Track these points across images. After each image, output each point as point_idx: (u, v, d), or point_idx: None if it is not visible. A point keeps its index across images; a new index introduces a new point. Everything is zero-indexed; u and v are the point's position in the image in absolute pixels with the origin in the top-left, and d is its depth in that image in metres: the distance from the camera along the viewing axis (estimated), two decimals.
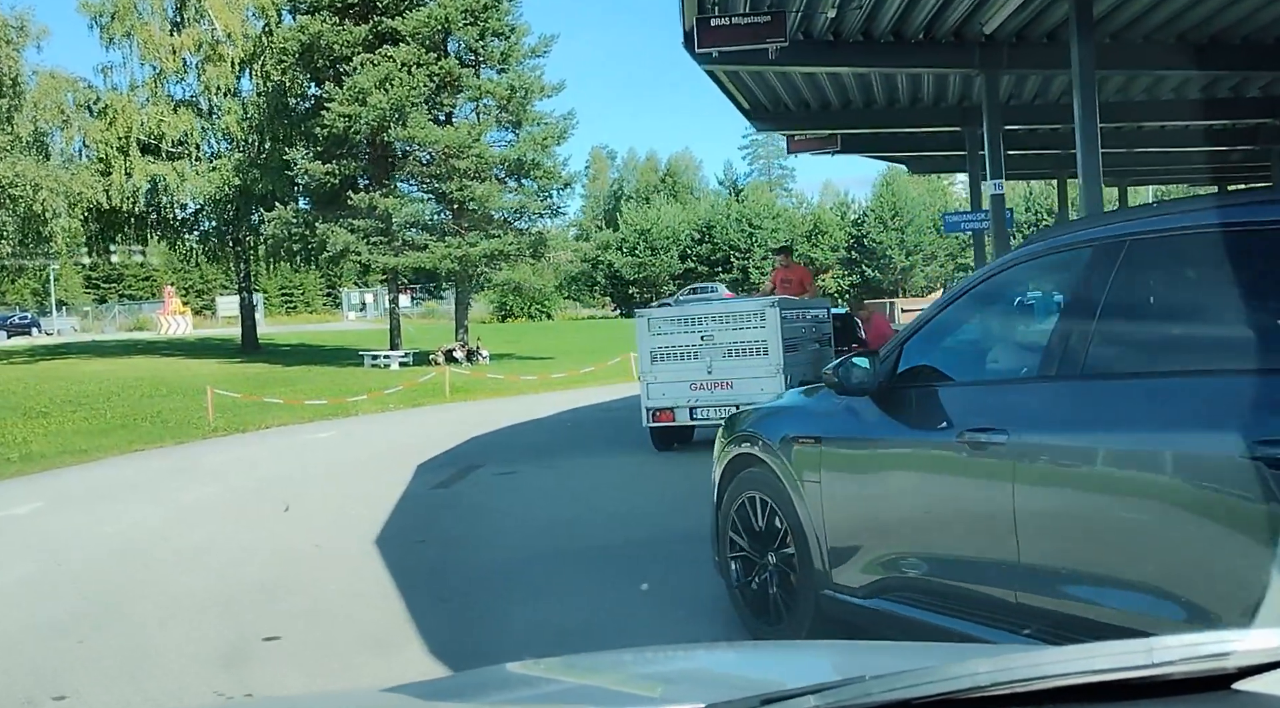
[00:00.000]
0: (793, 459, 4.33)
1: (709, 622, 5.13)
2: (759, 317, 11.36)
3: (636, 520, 8.50)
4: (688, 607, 5.57)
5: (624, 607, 5.75)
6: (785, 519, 4.43)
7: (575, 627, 5.40)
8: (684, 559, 6.56)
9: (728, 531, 4.88)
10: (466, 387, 24.43)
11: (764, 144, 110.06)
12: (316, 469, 12.91)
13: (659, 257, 63.45)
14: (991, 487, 3.31)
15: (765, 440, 4.58)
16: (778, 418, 4.70)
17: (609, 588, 6.23)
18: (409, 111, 29.77)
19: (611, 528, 8.24)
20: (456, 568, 7.11)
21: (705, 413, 11.62)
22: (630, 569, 6.64)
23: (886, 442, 3.92)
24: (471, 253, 29.30)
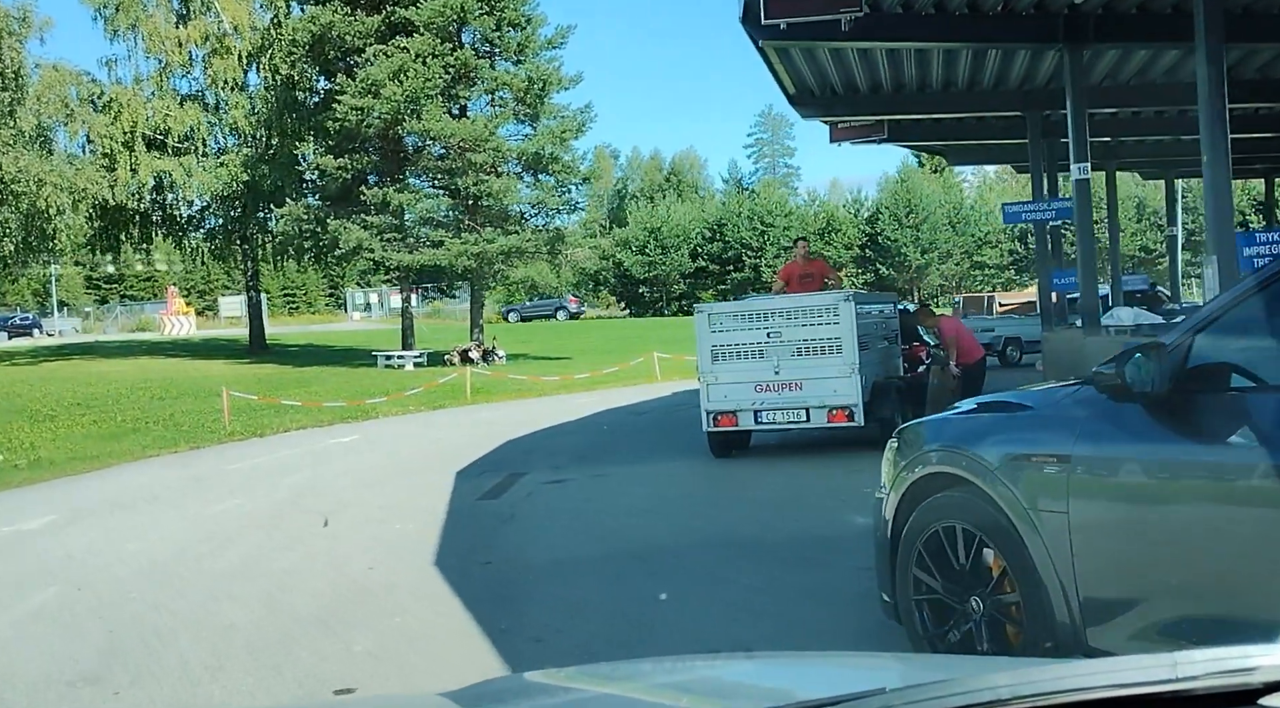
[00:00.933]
0: (1022, 483, 3.46)
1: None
2: (832, 311, 10.49)
3: (728, 539, 7.62)
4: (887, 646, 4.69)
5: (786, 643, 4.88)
6: (1005, 557, 3.55)
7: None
8: (833, 593, 5.71)
9: (909, 567, 4.00)
10: (487, 388, 23.56)
11: (769, 143, 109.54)
12: (346, 477, 12.04)
13: (669, 255, 62.50)
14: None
15: (974, 458, 3.70)
16: (990, 430, 3.81)
17: (739, 625, 5.37)
18: (424, 104, 28.86)
19: (705, 547, 7.36)
20: (538, 598, 6.24)
21: (771, 417, 10.76)
22: (756, 602, 5.78)
23: (1186, 464, 3.04)
24: (489, 249, 28.41)
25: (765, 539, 7.51)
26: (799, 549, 7.10)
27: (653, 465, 11.80)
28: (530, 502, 9.84)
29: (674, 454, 12.68)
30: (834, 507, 8.46)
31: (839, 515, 8.03)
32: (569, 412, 18.92)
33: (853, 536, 7.33)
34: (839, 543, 7.12)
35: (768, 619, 5.52)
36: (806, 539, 7.39)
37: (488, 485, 10.96)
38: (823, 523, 7.85)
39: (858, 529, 7.45)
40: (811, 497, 9.02)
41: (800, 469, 10.60)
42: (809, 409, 10.55)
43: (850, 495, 8.87)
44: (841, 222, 62.36)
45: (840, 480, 9.73)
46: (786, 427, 10.82)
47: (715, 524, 8.22)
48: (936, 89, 15.61)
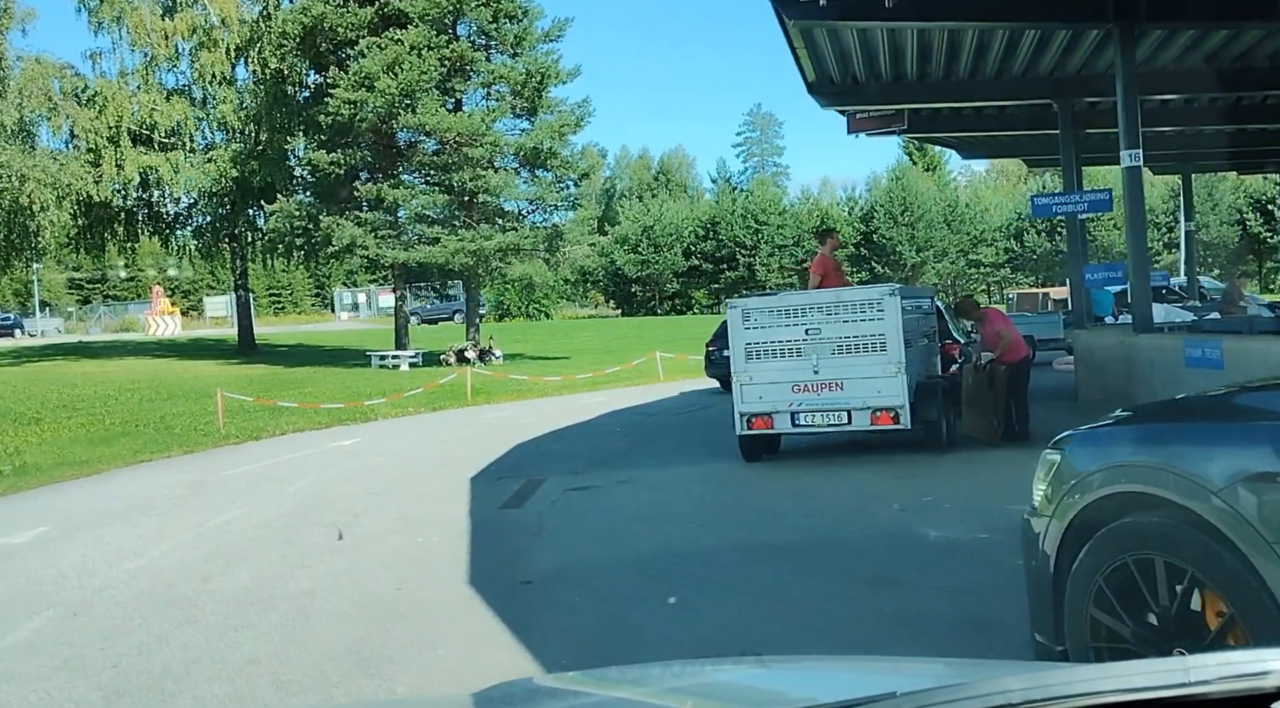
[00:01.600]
0: (1265, 509, 2.82)
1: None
2: (875, 307, 9.86)
3: (786, 553, 6.97)
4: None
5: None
6: (1231, 602, 2.91)
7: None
8: (924, 619, 5.05)
9: (1084, 607, 3.35)
10: (488, 389, 22.87)
11: (758, 142, 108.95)
12: (355, 483, 11.35)
13: (662, 254, 61.83)
14: None
15: (1186, 476, 3.05)
16: (1209, 441, 3.15)
17: (827, 640, 4.72)
18: (419, 97, 28.15)
19: (762, 562, 6.72)
20: (593, 624, 5.58)
21: (810, 419, 10.12)
22: (841, 629, 5.14)
23: None
24: (486, 246, 27.71)
25: (828, 553, 6.88)
26: (870, 565, 6.47)
27: (679, 469, 11.16)
28: (557, 511, 9.18)
29: (698, 457, 12.05)
30: (897, 517, 7.83)
31: (907, 528, 7.39)
32: (576, 413, 18.27)
33: (928, 551, 6.74)
34: (914, 559, 6.50)
35: (860, 651, 4.87)
36: (876, 554, 6.76)
37: (507, 492, 10.31)
38: (890, 536, 7.21)
39: (932, 545, 6.85)
40: (868, 505, 8.38)
41: (842, 474, 9.97)
42: (850, 411, 9.92)
43: (911, 503, 8.26)
44: (836, 220, 61.81)
45: (892, 486, 9.11)
46: (825, 430, 10.18)
47: (768, 536, 7.57)
48: (963, 77, 15.00)
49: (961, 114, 17.91)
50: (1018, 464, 9.85)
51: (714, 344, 21.54)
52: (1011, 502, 7.88)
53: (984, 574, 5.93)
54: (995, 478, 9.08)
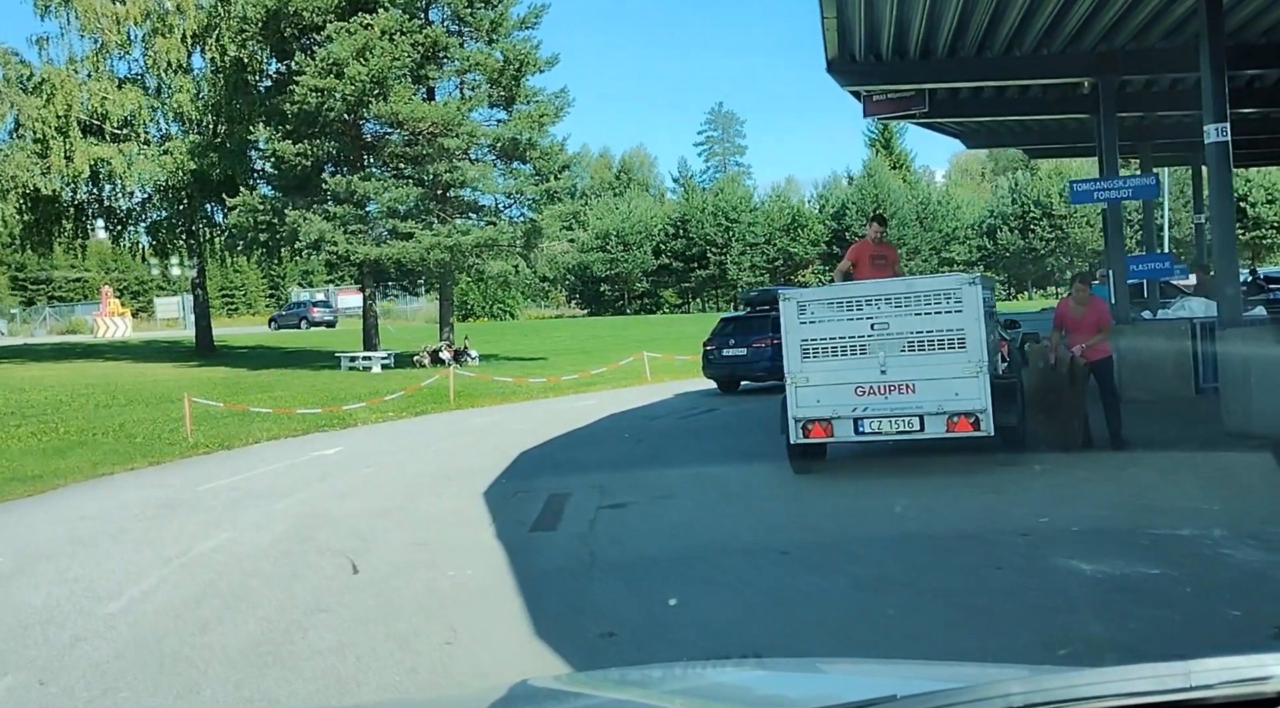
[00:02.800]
0: None
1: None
2: (953, 297, 8.74)
3: (916, 590, 5.80)
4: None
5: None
6: None
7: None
8: None
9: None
10: (471, 391, 21.53)
11: (720, 141, 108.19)
12: (352, 500, 10.04)
13: (632, 252, 60.63)
14: None
15: None
16: None
17: None
18: (391, 84, 26.73)
19: (896, 603, 5.55)
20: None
21: (876, 426, 8.97)
22: None
23: None
24: (463, 242, 26.34)
25: (965, 592, 5.71)
26: (1051, 619, 5.12)
27: (716, 480, 10.00)
28: (600, 535, 7.94)
29: (731, 465, 10.92)
30: (1026, 547, 6.64)
31: (1047, 560, 6.22)
32: (572, 417, 17.03)
33: (1100, 594, 5.51)
34: (1095, 608, 5.23)
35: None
36: (1041, 599, 5.49)
37: (532, 511, 9.07)
38: (1039, 573, 5.98)
39: (1098, 585, 5.65)
40: (980, 530, 7.21)
41: (913, 488, 8.83)
42: (923, 416, 8.79)
43: (1028, 526, 7.11)
44: (808, 218, 60.96)
45: (987, 505, 7.98)
46: (894, 437, 9.03)
47: (896, 573, 6.34)
48: (998, 52, 13.97)
49: (981, 96, 16.90)
50: (1129, 476, 8.90)
51: (712, 344, 20.45)
52: (1161, 525, 6.82)
53: (1198, 623, 4.79)
54: (1111, 493, 8.00)
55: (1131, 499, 7.49)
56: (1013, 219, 58.19)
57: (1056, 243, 56.86)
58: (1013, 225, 57.57)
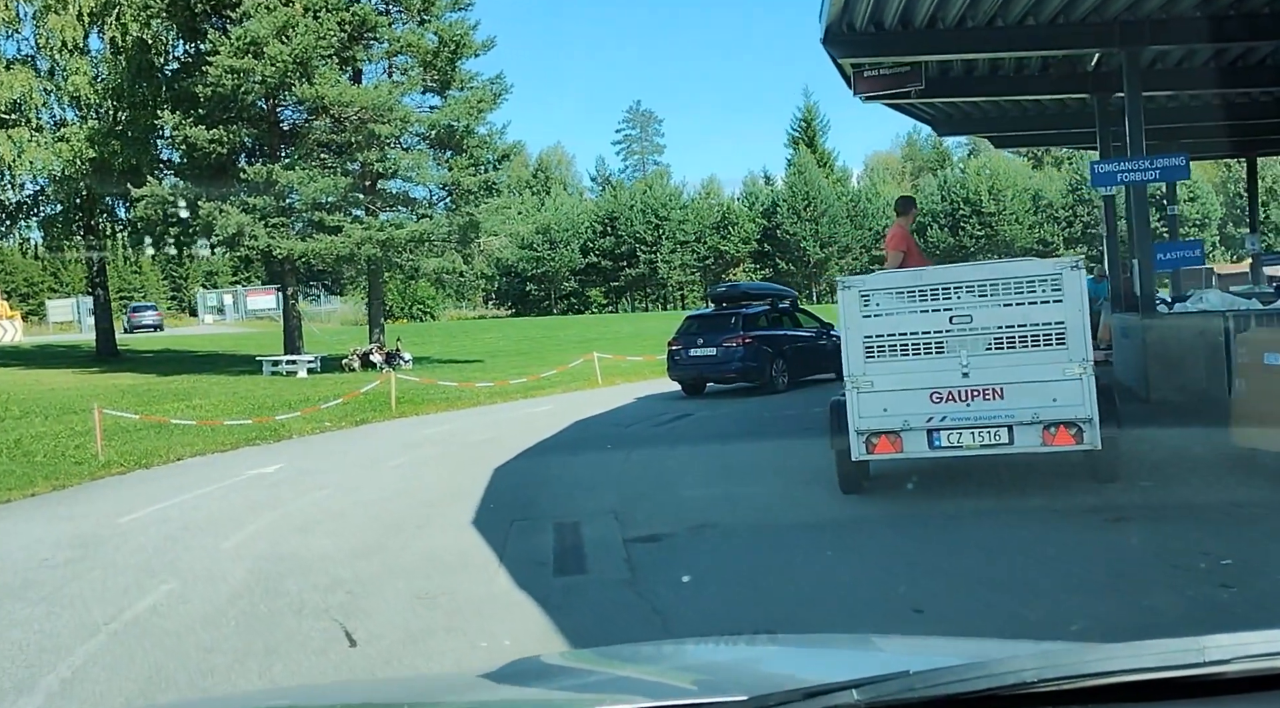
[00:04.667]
0: None
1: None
2: (1051, 284, 7.37)
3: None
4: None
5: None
6: None
7: None
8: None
9: None
10: (414, 397, 19.71)
11: (638, 139, 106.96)
12: (317, 536, 8.30)
13: (558, 251, 58.80)
14: None
15: None
16: None
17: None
18: (316, 66, 24.69)
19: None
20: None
21: (955, 438, 7.58)
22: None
23: None
24: (396, 236, 24.42)
25: None
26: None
27: (752, 505, 8.51)
28: (648, 583, 6.35)
29: (755, 483, 9.44)
30: (1232, 603, 5.27)
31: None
32: (533, 425, 15.42)
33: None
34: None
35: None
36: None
37: (543, 547, 7.50)
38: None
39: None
40: (1147, 573, 5.82)
41: (1002, 514, 7.45)
42: (1013, 427, 7.42)
43: (1218, 575, 5.73)
44: (738, 216, 59.90)
45: (1123, 539, 6.64)
46: (977, 452, 7.63)
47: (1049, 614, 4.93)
48: (1013, 21, 12.80)
49: (974, 73, 15.76)
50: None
51: (678, 343, 18.97)
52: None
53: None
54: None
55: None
56: (942, 217, 57.98)
57: (986, 240, 56.87)
58: (943, 223, 57.36)
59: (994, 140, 23.37)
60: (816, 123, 72.05)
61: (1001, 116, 19.61)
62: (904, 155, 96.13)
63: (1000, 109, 19.12)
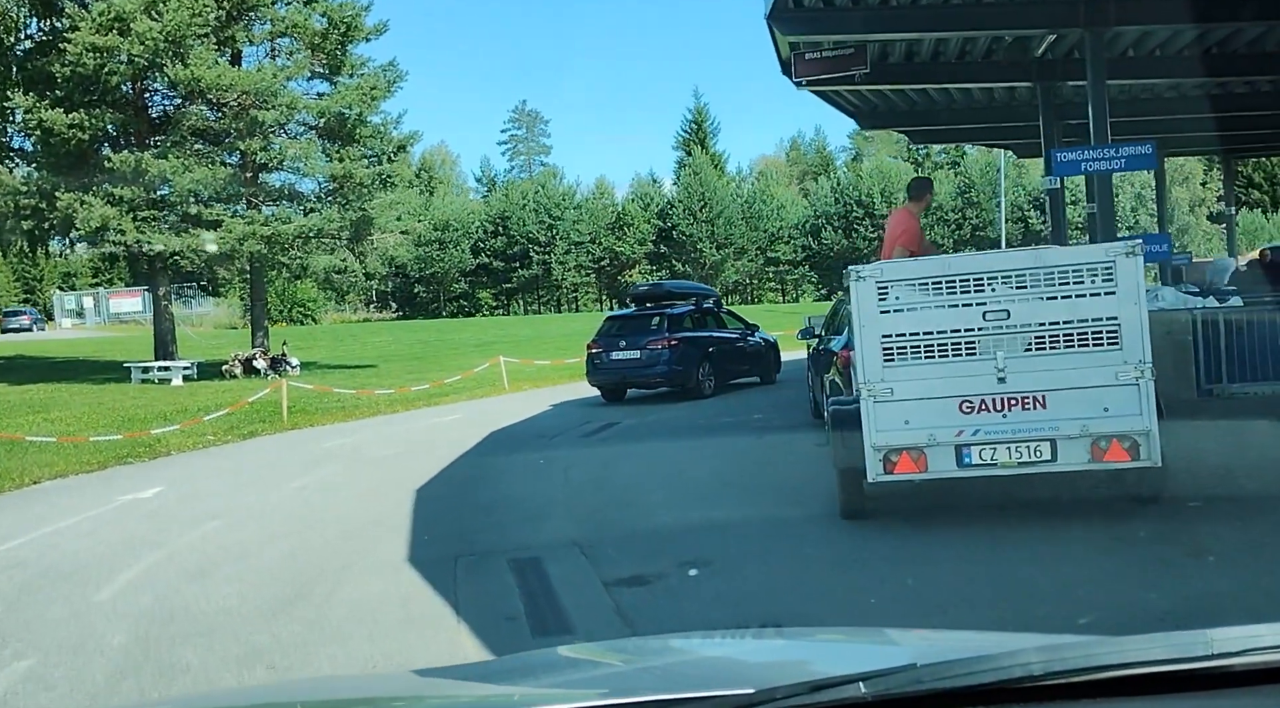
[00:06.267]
0: None
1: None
2: (1101, 273, 6.35)
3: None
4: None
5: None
6: None
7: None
8: None
9: None
10: (307, 407, 17.93)
11: (524, 140, 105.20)
12: (219, 583, 6.75)
13: (448, 251, 56.69)
14: None
15: None
16: None
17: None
18: (190, 45, 22.58)
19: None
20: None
21: (989, 454, 6.50)
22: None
23: None
24: (283, 231, 22.49)
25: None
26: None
27: (742, 533, 7.29)
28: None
29: (733, 505, 8.23)
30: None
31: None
32: (447, 437, 13.99)
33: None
34: None
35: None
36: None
37: (506, 593, 6.20)
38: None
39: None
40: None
41: (1052, 548, 6.39)
42: (1056, 441, 6.37)
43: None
44: (633, 216, 58.83)
45: (1223, 580, 5.63)
46: (1014, 471, 6.54)
47: None
48: (970, 0, 11.96)
49: (915, 60, 14.95)
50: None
51: (598, 346, 17.70)
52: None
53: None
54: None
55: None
56: (836, 219, 58.01)
57: (879, 242, 56.71)
58: (836, 225, 57.39)
59: (914, 135, 22.78)
60: (708, 125, 71.69)
61: (929, 109, 18.91)
62: (789, 159, 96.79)
63: (930, 101, 18.42)
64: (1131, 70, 14.32)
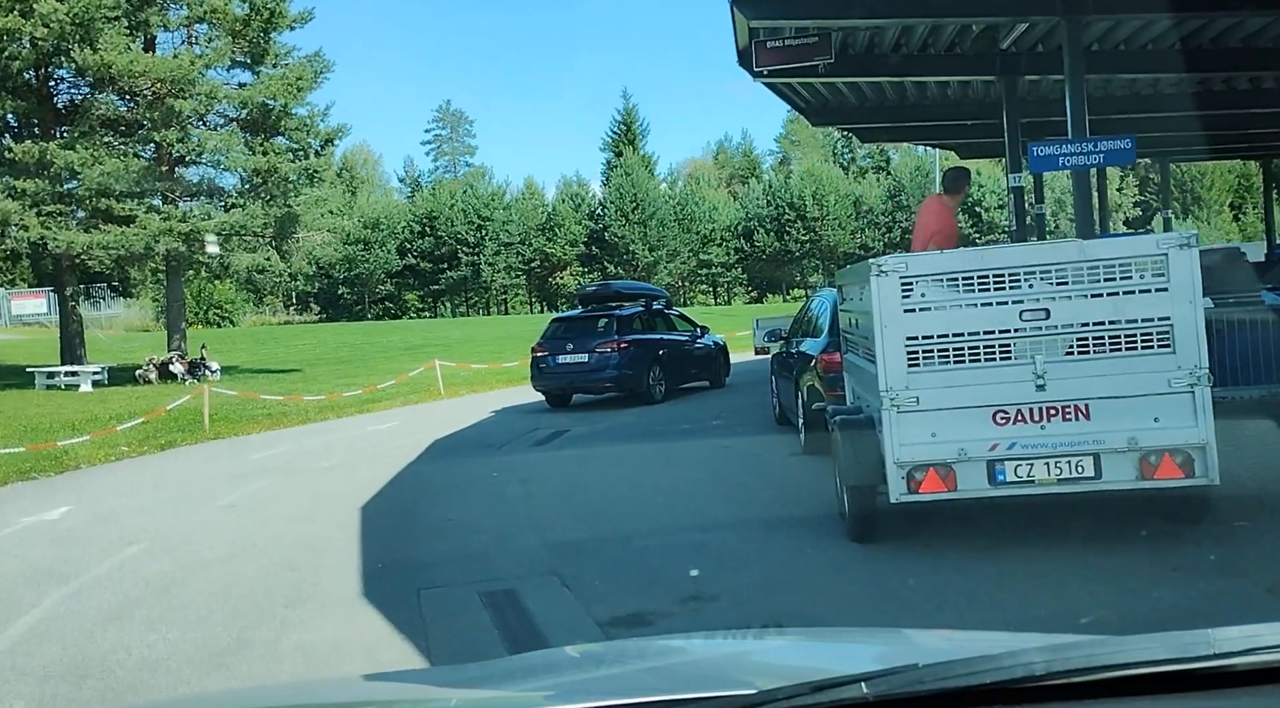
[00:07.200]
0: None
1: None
2: (1152, 268, 5.70)
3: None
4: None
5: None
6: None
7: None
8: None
9: None
10: (231, 415, 16.74)
11: (449, 140, 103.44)
12: (142, 631, 5.78)
13: (374, 252, 55.07)
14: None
15: None
16: None
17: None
18: (100, 28, 21.13)
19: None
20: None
21: (1025, 470, 5.83)
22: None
23: None
24: (202, 228, 21.15)
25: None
26: None
27: (741, 559, 6.53)
28: None
29: (730, 527, 7.46)
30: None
31: None
32: (386, 447, 13.04)
33: None
34: None
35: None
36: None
37: (483, 639, 5.41)
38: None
39: None
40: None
41: (1108, 580, 5.74)
42: (1100, 455, 5.71)
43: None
44: (564, 217, 57.84)
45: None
46: (1053, 490, 5.85)
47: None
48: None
49: (875, 52, 14.40)
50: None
51: (543, 349, 16.78)
52: None
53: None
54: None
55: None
56: (768, 221, 57.76)
57: (810, 245, 56.96)
58: (768, 227, 57.16)
59: (864, 133, 22.31)
60: (637, 126, 70.97)
61: (880, 105, 18.39)
62: (717, 162, 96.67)
63: (883, 96, 17.90)
64: (1096, 66, 13.94)
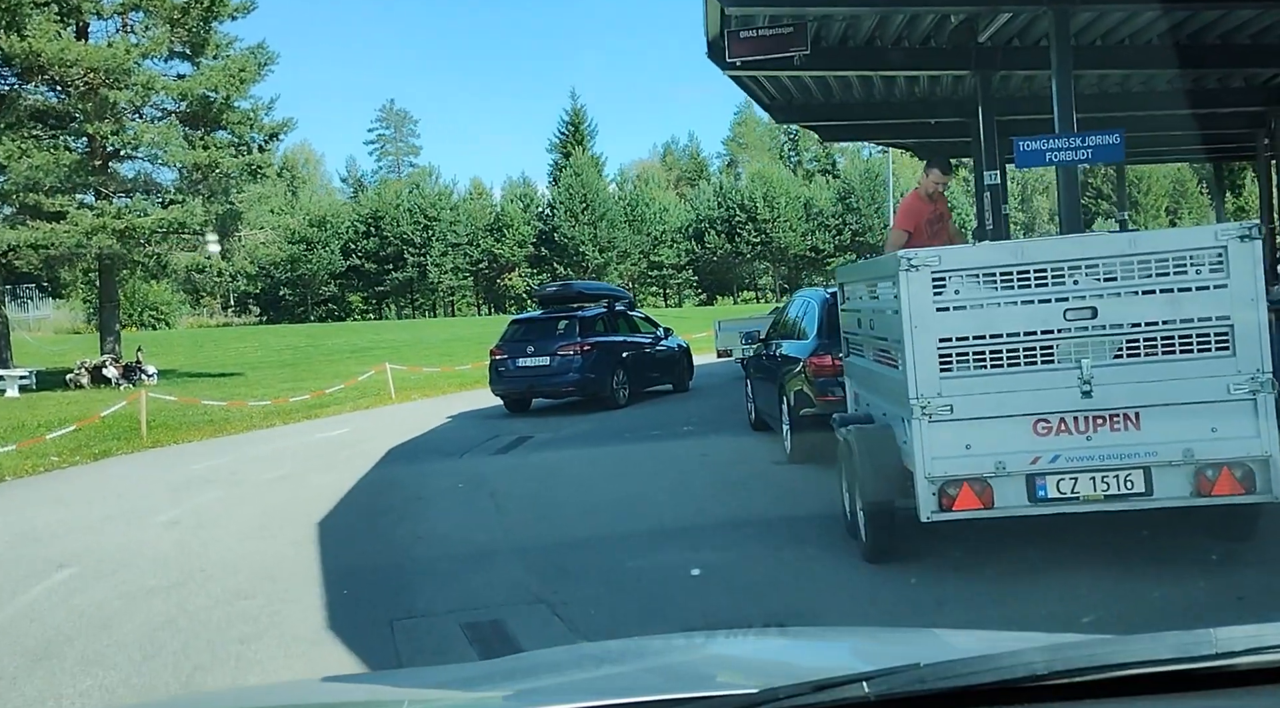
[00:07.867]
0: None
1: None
2: (1210, 262, 5.19)
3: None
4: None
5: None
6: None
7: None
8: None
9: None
10: (170, 421, 15.81)
11: (392, 140, 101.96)
12: (74, 675, 5.06)
13: (317, 252, 53.71)
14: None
15: None
16: None
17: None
18: (27, 13, 20.01)
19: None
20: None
21: (1070, 485, 5.30)
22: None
23: None
24: (139, 225, 20.11)
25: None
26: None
27: (757, 586, 5.95)
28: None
29: (729, 545, 6.87)
30: None
31: None
32: (335, 457, 12.31)
33: None
34: None
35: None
36: None
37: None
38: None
39: None
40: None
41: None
42: (1151, 468, 5.20)
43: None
44: (512, 218, 56.93)
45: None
46: (1099, 505, 5.32)
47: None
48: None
49: (848, 45, 13.94)
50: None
51: (502, 352, 16.08)
52: None
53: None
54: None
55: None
56: (719, 223, 57.41)
57: (762, 246, 56.75)
58: (719, 229, 56.78)
59: (828, 131, 21.91)
60: (585, 127, 70.27)
61: (845, 102, 17.96)
62: (665, 164, 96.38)
63: (850, 94, 17.47)
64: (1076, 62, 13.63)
